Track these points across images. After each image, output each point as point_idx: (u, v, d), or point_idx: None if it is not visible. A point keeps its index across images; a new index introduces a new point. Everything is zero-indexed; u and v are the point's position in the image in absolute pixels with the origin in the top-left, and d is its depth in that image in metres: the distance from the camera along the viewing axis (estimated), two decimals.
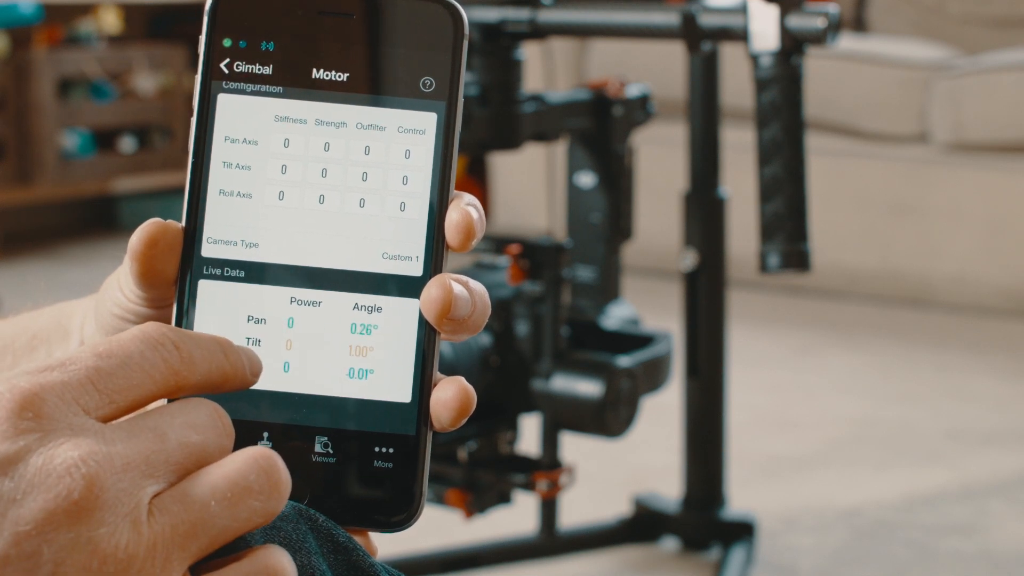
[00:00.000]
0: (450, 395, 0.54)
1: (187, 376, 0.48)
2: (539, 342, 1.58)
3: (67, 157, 3.89)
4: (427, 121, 0.54)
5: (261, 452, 0.47)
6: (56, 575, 0.43)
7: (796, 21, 1.45)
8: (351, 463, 0.54)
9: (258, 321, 0.54)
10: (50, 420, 0.44)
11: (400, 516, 0.54)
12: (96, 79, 3.93)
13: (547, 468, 1.62)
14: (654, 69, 3.31)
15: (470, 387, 0.54)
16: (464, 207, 0.54)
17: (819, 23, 1.44)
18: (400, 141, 0.54)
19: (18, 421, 0.44)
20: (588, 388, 1.57)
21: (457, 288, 0.53)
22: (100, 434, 0.45)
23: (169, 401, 0.49)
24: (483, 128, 1.59)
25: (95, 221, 4.24)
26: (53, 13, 3.98)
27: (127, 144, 4.04)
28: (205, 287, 0.54)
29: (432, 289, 0.53)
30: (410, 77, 0.54)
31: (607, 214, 1.72)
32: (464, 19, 0.54)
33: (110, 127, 4.01)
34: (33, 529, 0.43)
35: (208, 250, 0.54)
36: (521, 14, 1.60)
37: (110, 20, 4.04)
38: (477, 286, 0.54)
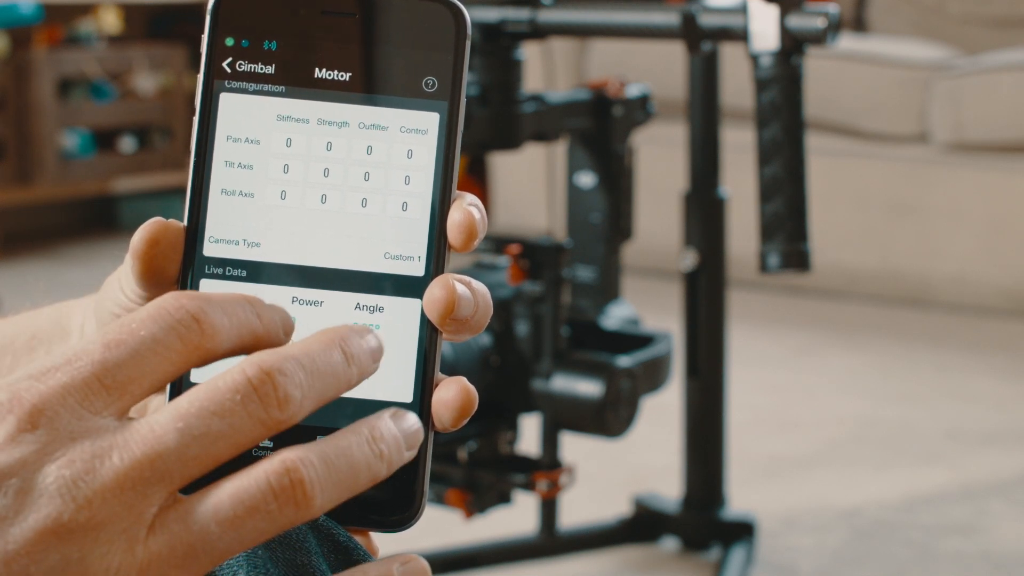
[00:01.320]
0: (452, 395, 0.53)
1: (211, 348, 0.45)
2: (539, 342, 1.58)
3: (67, 157, 3.89)
4: (429, 121, 0.54)
5: (275, 468, 0.44)
6: None
7: (796, 21, 1.45)
8: None
9: None
10: (50, 431, 0.43)
11: (401, 516, 0.54)
12: (96, 79, 3.93)
13: (547, 468, 1.62)
14: (654, 69, 3.31)
15: (472, 387, 0.54)
16: (466, 207, 0.54)
17: (819, 23, 1.44)
18: (402, 141, 0.54)
19: (16, 432, 0.42)
20: (588, 388, 1.57)
21: (460, 288, 0.53)
22: (99, 442, 0.43)
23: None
24: (483, 128, 1.59)
25: (95, 221, 4.24)
26: (53, 13, 3.98)
27: (127, 144, 4.04)
28: (207, 286, 0.54)
29: (435, 289, 0.53)
30: (412, 77, 0.54)
31: (607, 214, 1.72)
32: (466, 19, 0.54)
33: (110, 127, 4.01)
34: (22, 549, 0.41)
35: (210, 249, 0.54)
36: (521, 14, 1.60)
37: (110, 20, 4.04)
38: (479, 286, 0.54)
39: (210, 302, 0.46)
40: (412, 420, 0.49)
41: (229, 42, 0.54)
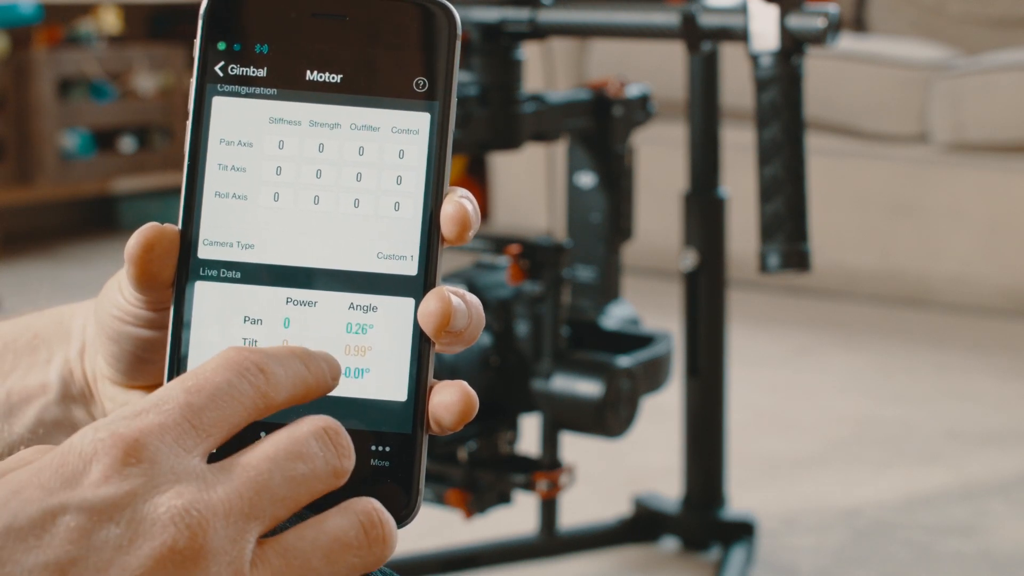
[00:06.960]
0: (453, 398, 0.54)
1: (274, 397, 0.49)
2: (539, 342, 1.58)
3: (67, 157, 3.89)
4: (421, 121, 0.55)
5: (364, 508, 0.49)
6: None
7: (796, 21, 1.45)
8: None
9: (254, 322, 0.54)
10: (153, 464, 0.45)
11: (396, 515, 0.54)
12: (96, 79, 3.93)
13: (547, 468, 1.62)
14: (654, 69, 3.31)
15: (472, 391, 0.54)
16: (458, 200, 0.54)
17: (819, 23, 1.44)
18: (394, 141, 0.55)
19: (122, 467, 0.45)
20: (588, 388, 1.57)
21: (455, 301, 0.54)
22: (202, 478, 0.46)
23: (266, 430, 0.50)
24: (483, 128, 1.59)
25: (95, 221, 4.24)
26: (53, 13, 3.99)
27: (127, 144, 4.04)
28: (202, 288, 0.54)
29: (431, 302, 0.54)
30: (403, 78, 0.54)
31: (607, 214, 1.72)
32: (457, 19, 0.55)
33: (110, 127, 4.01)
34: None
35: (204, 252, 0.54)
36: (521, 14, 1.60)
37: (110, 20, 4.04)
38: (473, 299, 0.55)
39: (268, 354, 0.49)
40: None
41: (221, 46, 0.54)
